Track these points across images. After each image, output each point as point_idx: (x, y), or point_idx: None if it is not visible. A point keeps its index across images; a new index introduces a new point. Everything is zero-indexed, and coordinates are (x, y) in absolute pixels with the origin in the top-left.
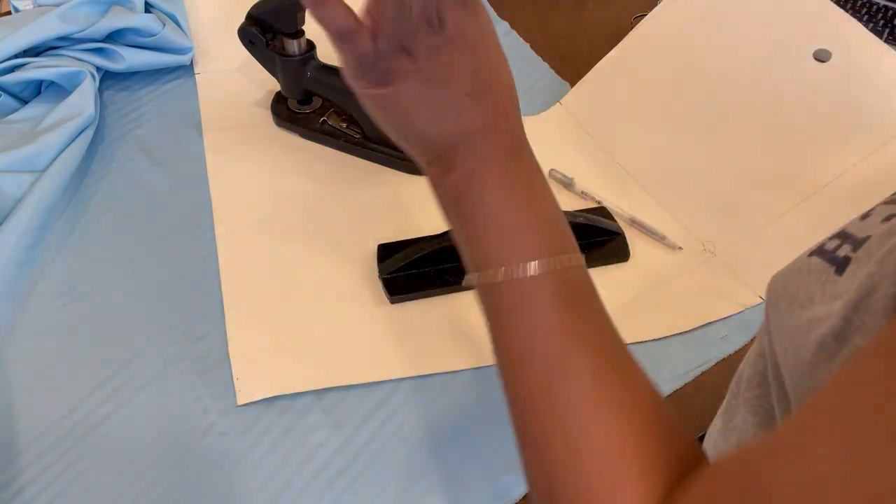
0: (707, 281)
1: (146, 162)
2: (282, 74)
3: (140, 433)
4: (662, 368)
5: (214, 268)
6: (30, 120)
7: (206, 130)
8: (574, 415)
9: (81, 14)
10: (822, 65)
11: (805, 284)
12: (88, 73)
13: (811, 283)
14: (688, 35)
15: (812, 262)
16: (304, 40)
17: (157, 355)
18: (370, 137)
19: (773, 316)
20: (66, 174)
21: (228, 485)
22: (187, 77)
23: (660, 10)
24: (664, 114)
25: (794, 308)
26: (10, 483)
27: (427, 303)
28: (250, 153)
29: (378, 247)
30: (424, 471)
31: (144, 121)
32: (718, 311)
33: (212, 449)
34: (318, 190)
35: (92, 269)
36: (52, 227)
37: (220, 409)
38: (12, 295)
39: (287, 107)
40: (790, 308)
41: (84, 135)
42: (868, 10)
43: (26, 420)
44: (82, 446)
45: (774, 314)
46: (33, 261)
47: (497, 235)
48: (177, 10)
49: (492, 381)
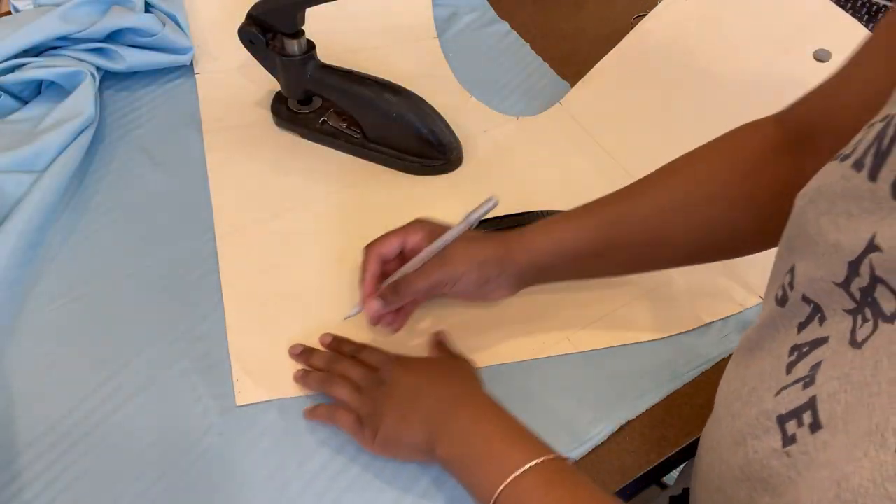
0: (707, 281)
1: (146, 162)
2: (282, 74)
3: (140, 433)
4: (662, 368)
5: (214, 268)
6: (30, 120)
7: (206, 130)
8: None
9: (81, 14)
10: (822, 65)
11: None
12: (88, 73)
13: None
14: (688, 35)
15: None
16: (304, 40)
17: (158, 355)
18: (370, 137)
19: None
20: (66, 174)
21: (228, 485)
22: (187, 77)
23: (660, 10)
24: (664, 114)
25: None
26: (11, 483)
27: (427, 303)
28: (250, 153)
29: None
30: (424, 471)
31: (144, 121)
32: (718, 311)
33: (212, 449)
34: (318, 190)
35: (92, 269)
36: (52, 227)
37: (220, 409)
38: (12, 295)
39: (287, 107)
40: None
41: (84, 135)
42: (868, 10)
43: (26, 420)
44: (82, 446)
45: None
46: (33, 261)
47: (485, 474)
48: (177, 10)
49: (492, 380)
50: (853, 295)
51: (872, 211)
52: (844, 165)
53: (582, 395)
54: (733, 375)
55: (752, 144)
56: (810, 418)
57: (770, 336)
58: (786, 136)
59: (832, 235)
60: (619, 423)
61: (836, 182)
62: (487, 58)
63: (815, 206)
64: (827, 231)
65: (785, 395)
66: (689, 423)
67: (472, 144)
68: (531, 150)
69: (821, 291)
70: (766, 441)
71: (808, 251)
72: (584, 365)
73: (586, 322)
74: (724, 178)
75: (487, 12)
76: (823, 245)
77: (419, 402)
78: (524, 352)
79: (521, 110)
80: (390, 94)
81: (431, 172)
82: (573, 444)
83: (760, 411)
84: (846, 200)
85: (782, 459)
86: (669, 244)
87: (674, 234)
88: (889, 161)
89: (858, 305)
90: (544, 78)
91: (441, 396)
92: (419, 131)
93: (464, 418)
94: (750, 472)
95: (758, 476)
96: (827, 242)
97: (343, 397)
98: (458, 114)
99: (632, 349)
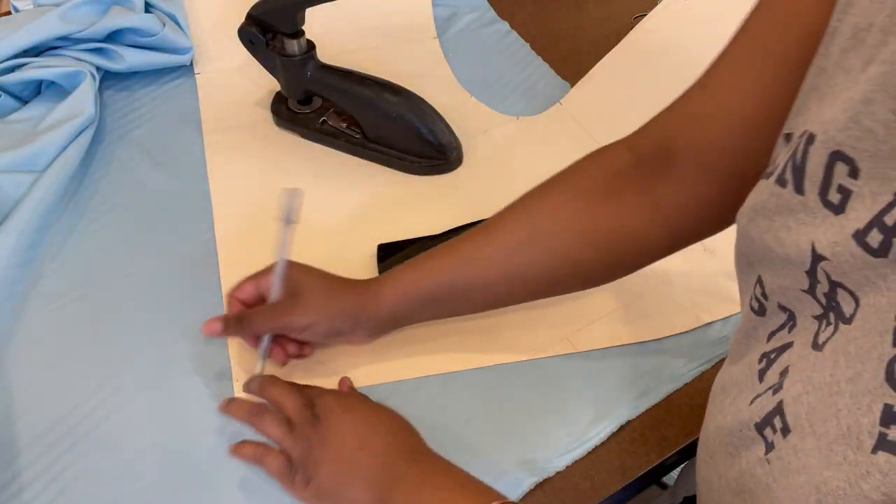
0: (707, 281)
1: (146, 162)
2: (282, 74)
3: (140, 433)
4: (662, 368)
5: (214, 268)
6: (30, 120)
7: (206, 130)
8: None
9: (81, 14)
10: None
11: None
12: (88, 73)
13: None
14: (688, 35)
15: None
16: (304, 40)
17: (157, 355)
18: (370, 137)
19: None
20: (66, 174)
21: (228, 485)
22: (187, 77)
23: (660, 10)
24: None
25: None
26: (10, 483)
27: None
28: (250, 153)
29: (378, 247)
30: None
31: (144, 121)
32: (718, 311)
33: (212, 449)
34: (318, 190)
35: (92, 269)
36: (52, 227)
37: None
38: (12, 295)
39: (287, 107)
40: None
41: (84, 135)
42: None
43: (26, 420)
44: (82, 446)
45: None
46: (33, 261)
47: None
48: (177, 10)
49: (492, 381)
50: (819, 300)
51: (808, 222)
52: (770, 183)
53: (582, 395)
54: (717, 389)
55: (596, 174)
56: (780, 423)
57: (746, 345)
58: (637, 159)
59: (779, 250)
60: (619, 423)
61: (768, 199)
62: (487, 58)
63: (755, 224)
64: (773, 247)
65: (758, 403)
66: (689, 423)
67: (472, 144)
68: (531, 150)
69: (793, 298)
70: (754, 451)
71: (767, 264)
72: (584, 365)
73: (586, 322)
74: (567, 211)
75: (487, 12)
76: (777, 259)
77: (362, 455)
78: (524, 352)
79: (521, 110)
80: (390, 94)
81: (431, 172)
82: (573, 444)
83: (740, 422)
84: (783, 215)
85: (764, 467)
86: (521, 278)
87: (524, 269)
88: (808, 173)
89: (825, 310)
90: (544, 78)
91: (388, 451)
92: (419, 131)
93: (411, 474)
94: (742, 484)
95: (748, 487)
96: (778, 257)
97: (274, 436)
98: (458, 114)
99: (632, 349)
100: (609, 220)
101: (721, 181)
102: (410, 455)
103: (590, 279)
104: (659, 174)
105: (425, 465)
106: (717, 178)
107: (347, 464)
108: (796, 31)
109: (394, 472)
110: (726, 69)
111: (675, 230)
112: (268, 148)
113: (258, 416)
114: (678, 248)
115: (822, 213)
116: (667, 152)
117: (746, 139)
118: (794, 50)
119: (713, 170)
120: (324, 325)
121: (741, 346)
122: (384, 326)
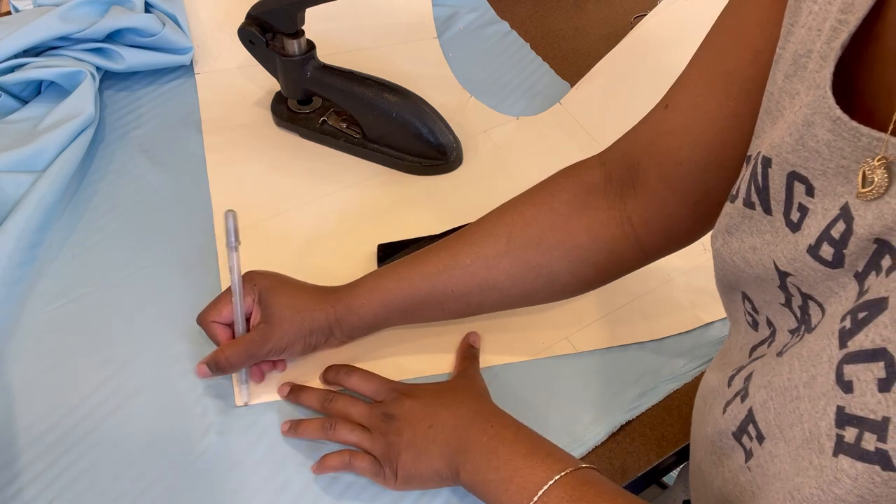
0: (707, 281)
1: (146, 162)
2: (282, 74)
3: (140, 433)
4: (662, 368)
5: (214, 268)
6: (30, 120)
7: (206, 130)
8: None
9: (81, 14)
10: None
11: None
12: (88, 73)
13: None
14: (688, 35)
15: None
16: (304, 40)
17: (157, 355)
18: (370, 137)
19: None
20: (66, 174)
21: (228, 485)
22: (187, 77)
23: (660, 10)
24: None
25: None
26: (11, 483)
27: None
28: (250, 153)
29: (378, 247)
30: None
31: (144, 121)
32: (718, 311)
33: (211, 449)
34: (318, 190)
35: (92, 269)
36: (52, 227)
37: (220, 409)
38: (12, 295)
39: (287, 107)
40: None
41: (84, 135)
42: None
43: (26, 420)
44: (82, 446)
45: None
46: (33, 261)
47: (510, 496)
48: (177, 10)
49: (492, 380)
50: (795, 313)
51: (771, 241)
52: (738, 206)
53: (581, 395)
54: (699, 399)
55: (570, 188)
56: (755, 430)
57: (729, 356)
58: (608, 175)
59: (749, 271)
60: (618, 423)
61: (739, 222)
62: (487, 58)
63: (727, 246)
64: (743, 268)
65: (730, 411)
66: (689, 423)
67: (472, 144)
68: (531, 150)
69: (776, 312)
70: (735, 459)
71: (744, 283)
72: (584, 365)
73: (586, 322)
74: (542, 224)
75: (487, 12)
76: (750, 279)
77: (435, 431)
78: (524, 352)
79: (521, 110)
80: (390, 94)
81: (431, 172)
82: (573, 444)
83: (719, 431)
84: (751, 236)
85: (746, 475)
86: (496, 289)
87: (500, 280)
88: (772, 194)
89: (798, 324)
90: (544, 78)
91: (457, 422)
92: (419, 131)
93: (484, 440)
94: (727, 493)
95: (733, 495)
96: (751, 276)
97: (353, 441)
98: (458, 114)
99: (632, 349)
100: (582, 234)
101: (685, 197)
102: (483, 421)
103: (563, 291)
104: (627, 191)
105: (498, 428)
106: (681, 194)
107: (423, 444)
108: (746, 52)
109: (466, 440)
110: (686, 88)
111: (645, 244)
112: (267, 148)
113: (332, 430)
114: (649, 261)
115: (783, 232)
116: (633, 169)
117: (708, 157)
118: (748, 69)
119: (677, 187)
120: (300, 345)
121: (723, 357)
122: (358, 333)
